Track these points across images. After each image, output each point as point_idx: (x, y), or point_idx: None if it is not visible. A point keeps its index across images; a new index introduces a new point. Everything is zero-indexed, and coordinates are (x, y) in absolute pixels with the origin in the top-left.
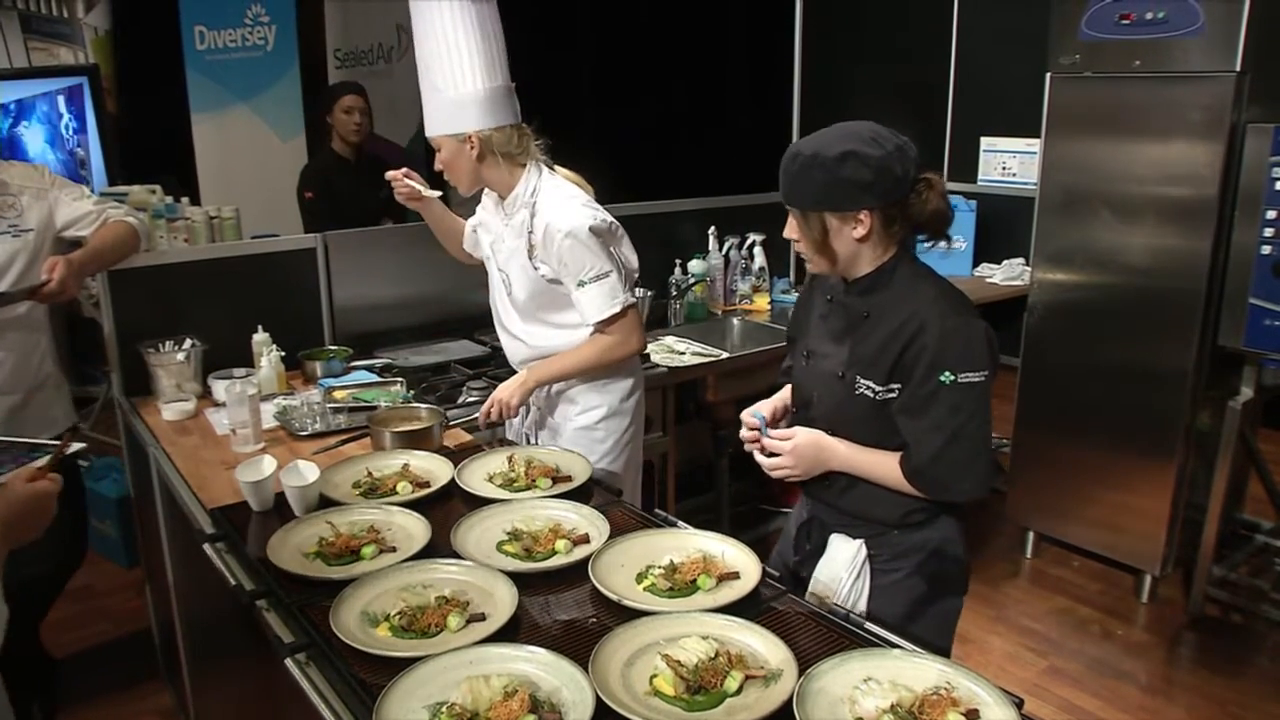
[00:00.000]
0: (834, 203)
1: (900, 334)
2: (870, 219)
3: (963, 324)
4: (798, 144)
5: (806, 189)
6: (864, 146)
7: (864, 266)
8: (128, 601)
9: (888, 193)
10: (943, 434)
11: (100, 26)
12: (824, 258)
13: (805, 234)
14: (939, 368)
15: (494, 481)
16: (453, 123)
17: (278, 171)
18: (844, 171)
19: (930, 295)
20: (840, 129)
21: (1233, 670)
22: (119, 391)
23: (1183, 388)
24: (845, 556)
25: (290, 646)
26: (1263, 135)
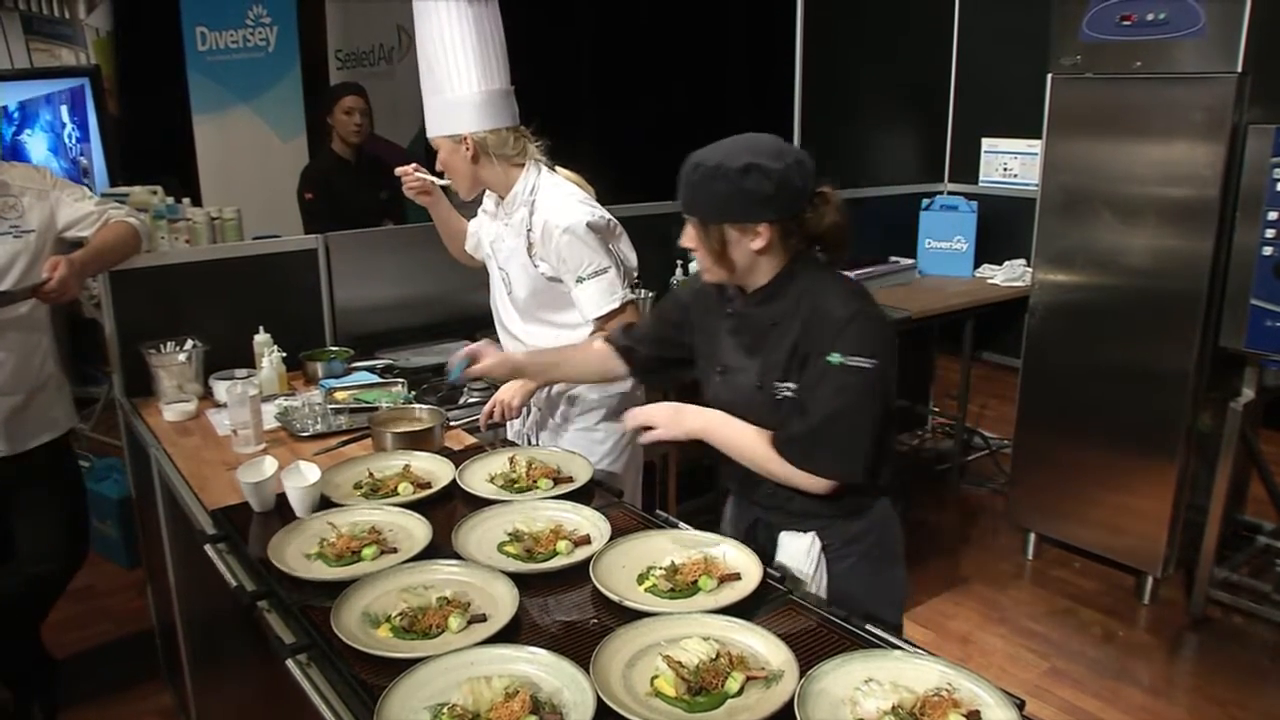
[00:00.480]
0: (735, 214)
1: (807, 330)
2: (769, 232)
3: (856, 312)
4: (699, 154)
5: (707, 200)
6: (766, 159)
7: (761, 277)
8: (129, 602)
9: (787, 206)
10: (822, 410)
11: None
12: (722, 268)
13: (704, 244)
14: (828, 350)
15: (495, 482)
16: (449, 124)
17: (279, 172)
18: (746, 183)
19: (827, 290)
20: (742, 141)
21: (1234, 671)
22: (120, 392)
23: (1184, 389)
24: (800, 549)
25: (291, 647)
26: (1264, 136)
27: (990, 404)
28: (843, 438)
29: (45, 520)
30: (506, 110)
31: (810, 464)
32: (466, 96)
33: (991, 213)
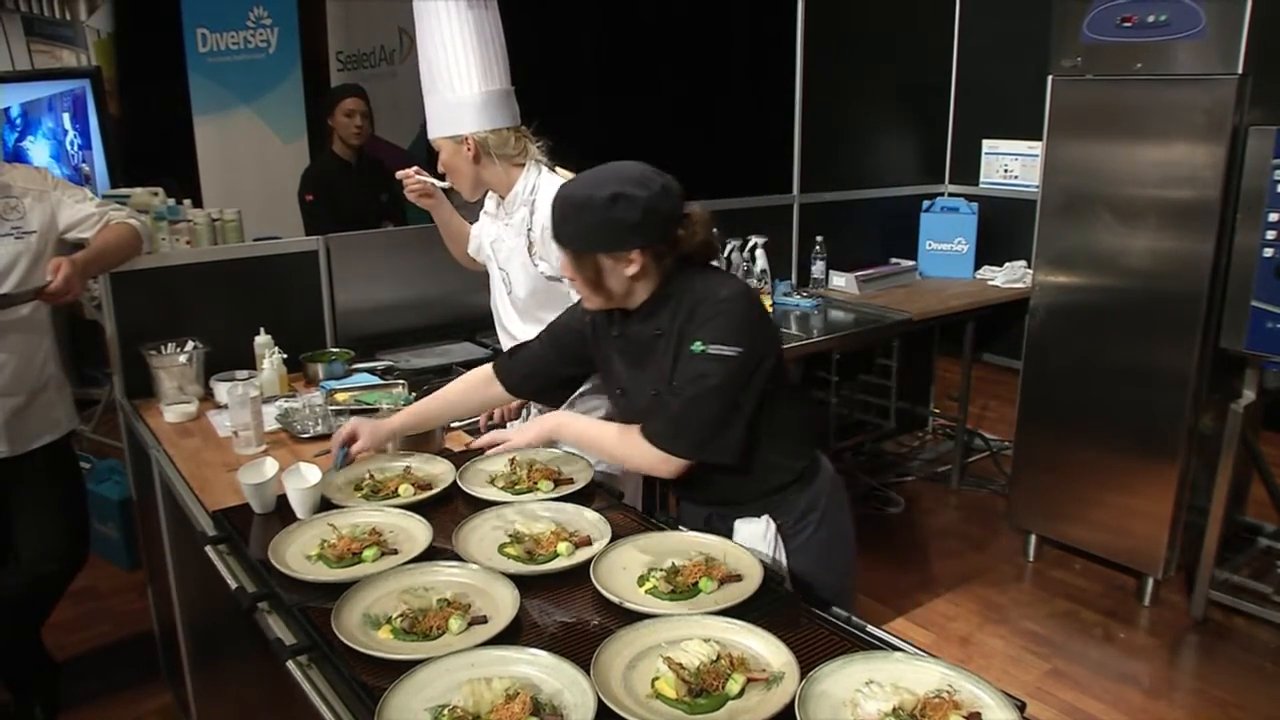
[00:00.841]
0: (605, 244)
1: (680, 332)
2: (641, 257)
3: (723, 303)
4: (567, 187)
5: (578, 231)
6: (632, 188)
7: (639, 298)
8: (129, 603)
9: (656, 231)
10: (683, 394)
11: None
12: (600, 295)
13: (579, 274)
14: (694, 338)
15: (496, 484)
16: (451, 125)
17: (280, 174)
18: (614, 213)
19: (700, 289)
20: (609, 170)
21: (1235, 673)
22: (120, 393)
23: (1184, 390)
24: (755, 534)
25: (292, 649)
26: (1265, 137)
27: (991, 405)
28: (706, 422)
29: (46, 521)
30: (507, 110)
31: (674, 447)
32: (468, 97)
33: (992, 214)
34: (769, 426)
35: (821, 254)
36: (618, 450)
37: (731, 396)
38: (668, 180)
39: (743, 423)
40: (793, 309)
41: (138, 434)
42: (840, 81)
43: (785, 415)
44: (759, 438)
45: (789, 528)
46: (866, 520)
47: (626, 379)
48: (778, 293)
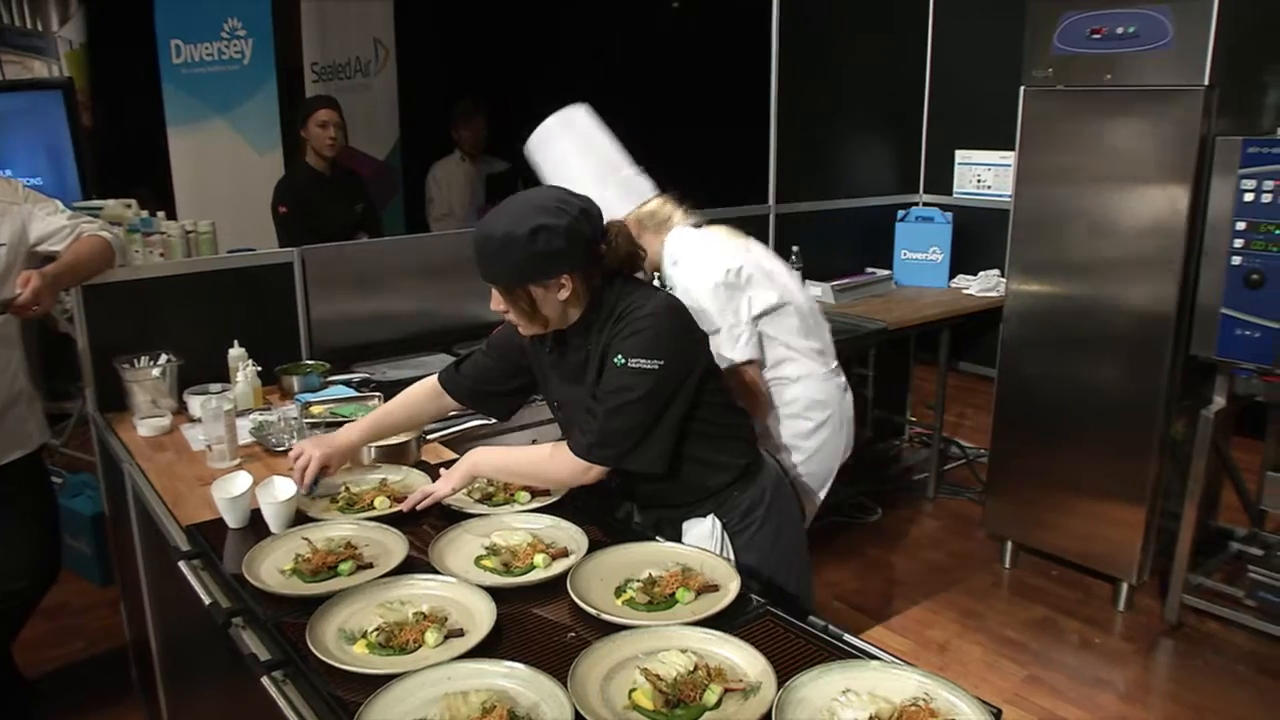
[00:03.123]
0: (533, 276)
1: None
2: (571, 281)
3: (645, 318)
4: (485, 225)
5: (505, 268)
6: (550, 218)
7: (573, 319)
8: (103, 620)
9: (581, 254)
10: (604, 406)
11: (75, 39)
12: (536, 323)
13: (514, 306)
14: (615, 353)
15: (472, 496)
16: None
17: (255, 185)
18: (537, 245)
19: (624, 302)
20: (523, 202)
21: (1209, 676)
22: (93, 407)
23: (1157, 397)
24: (703, 533)
25: (266, 664)
26: (1231, 148)
27: (967, 413)
28: (625, 433)
29: (16, 537)
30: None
31: (593, 456)
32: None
33: (966, 224)
34: (707, 429)
35: (798, 264)
36: (539, 469)
37: (653, 409)
38: (585, 202)
39: (667, 434)
40: None
41: (110, 448)
42: (815, 92)
43: (722, 418)
44: (698, 441)
45: (734, 525)
46: (843, 529)
47: (562, 395)
48: None
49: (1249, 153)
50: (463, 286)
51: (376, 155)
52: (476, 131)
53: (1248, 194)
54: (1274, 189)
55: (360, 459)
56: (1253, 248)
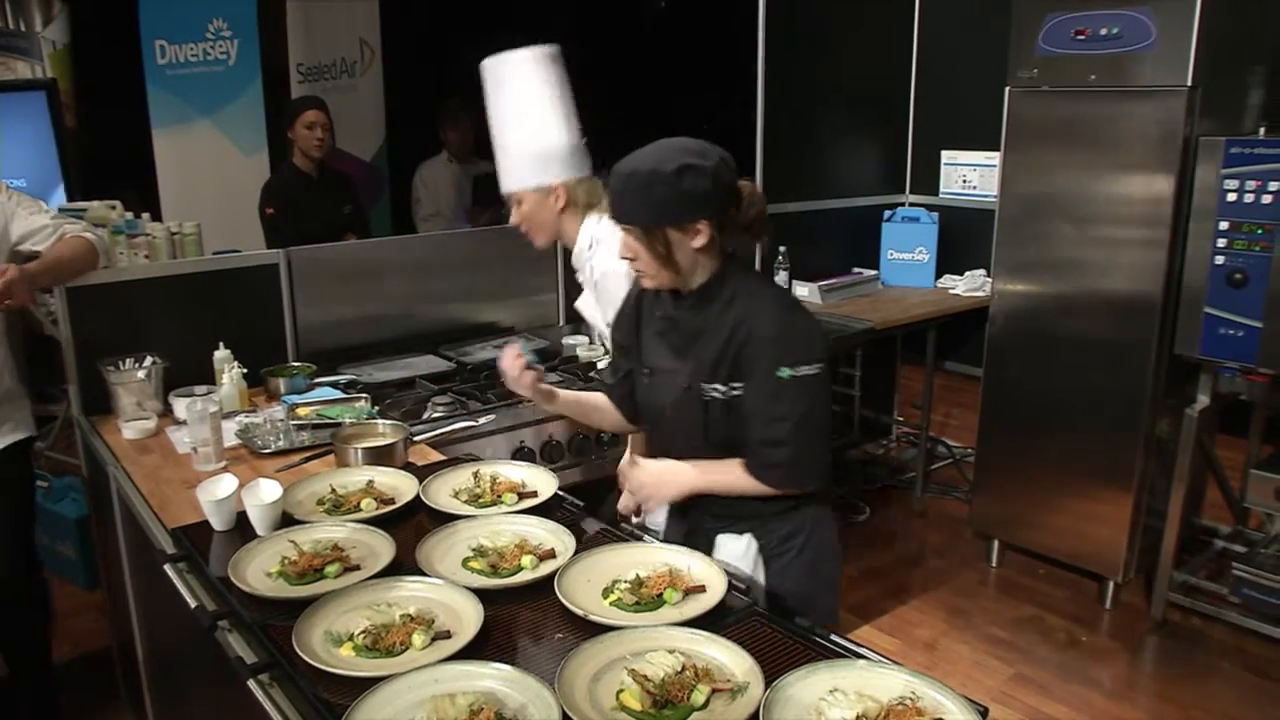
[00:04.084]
0: (676, 216)
1: (735, 336)
2: (708, 228)
3: (794, 321)
4: (629, 163)
5: (647, 205)
6: (697, 159)
7: (699, 277)
8: (88, 623)
9: (722, 201)
10: (787, 424)
11: (58, 40)
12: (669, 271)
13: (649, 250)
14: (778, 364)
15: (459, 497)
16: (540, 173)
17: (240, 187)
18: (683, 184)
19: (760, 297)
20: (666, 146)
21: (1194, 673)
22: (78, 410)
23: (1141, 396)
24: (737, 551)
25: (253, 667)
26: (1214, 148)
27: (953, 413)
28: (812, 448)
29: None
30: (587, 160)
31: (791, 484)
32: (555, 147)
33: (952, 224)
34: None
35: (784, 264)
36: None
37: (824, 414)
38: (724, 152)
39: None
40: None
41: (95, 451)
42: (801, 93)
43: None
44: None
45: (771, 549)
46: None
47: (658, 361)
48: None
49: (1232, 153)
50: (450, 288)
51: (362, 156)
52: (464, 133)
53: (1230, 194)
54: (1256, 189)
55: (349, 460)
56: (1235, 247)
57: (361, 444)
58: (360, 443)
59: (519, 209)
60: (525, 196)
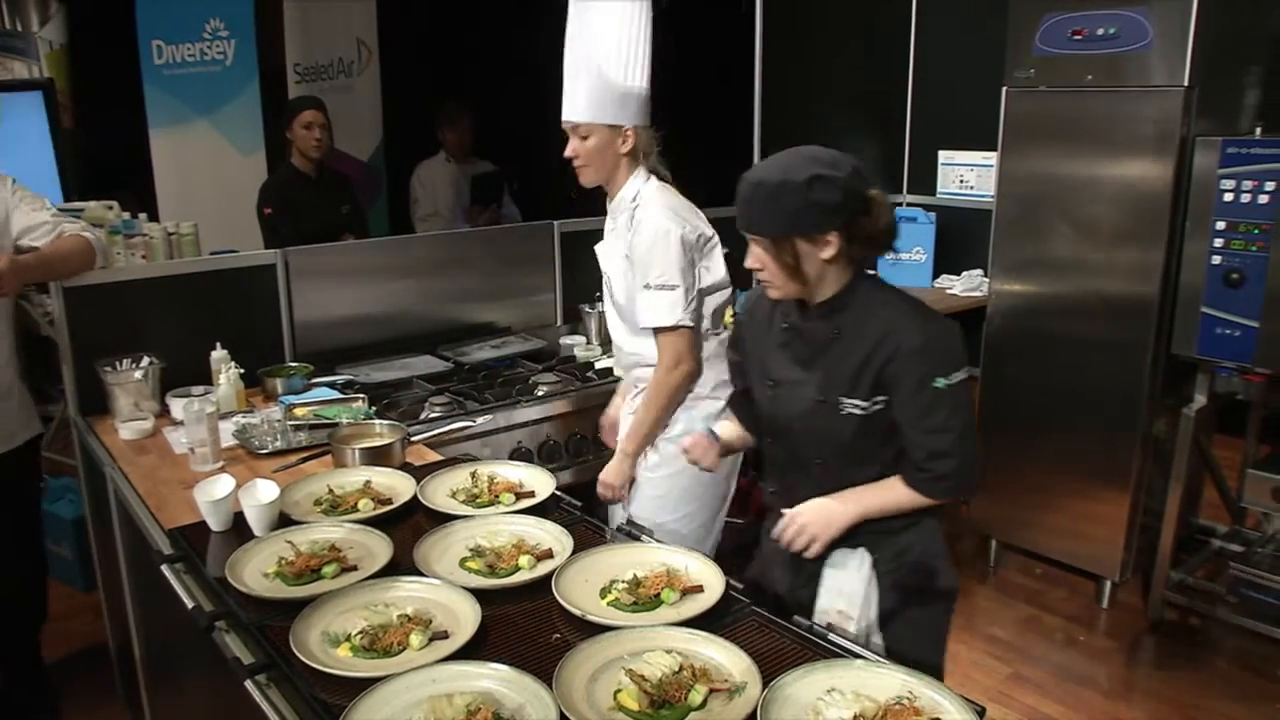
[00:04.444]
0: (806, 227)
1: (880, 348)
2: (838, 239)
3: (939, 329)
4: (758, 172)
5: (777, 216)
6: (828, 169)
7: (828, 289)
8: (86, 624)
9: (852, 212)
10: (951, 434)
11: (55, 40)
12: (796, 282)
13: (777, 261)
14: (932, 375)
15: (457, 498)
16: (615, 112)
17: (237, 187)
18: (813, 195)
19: (899, 307)
20: (796, 155)
21: (1191, 673)
22: (74, 410)
23: (1139, 395)
24: (851, 569)
25: (250, 668)
26: (1211, 147)
27: None
28: (972, 455)
29: None
30: (650, 111)
31: (958, 493)
32: (636, 88)
33: (949, 224)
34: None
35: None
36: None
37: (972, 417)
38: (856, 162)
39: None
40: None
41: (92, 451)
42: (799, 94)
43: None
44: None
45: (884, 564)
46: None
47: (783, 374)
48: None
49: (1228, 153)
50: (447, 288)
51: (360, 156)
52: (462, 133)
53: (1227, 194)
54: (1253, 189)
55: (346, 461)
56: (1232, 247)
57: (359, 444)
58: (357, 443)
59: (582, 142)
60: (595, 130)
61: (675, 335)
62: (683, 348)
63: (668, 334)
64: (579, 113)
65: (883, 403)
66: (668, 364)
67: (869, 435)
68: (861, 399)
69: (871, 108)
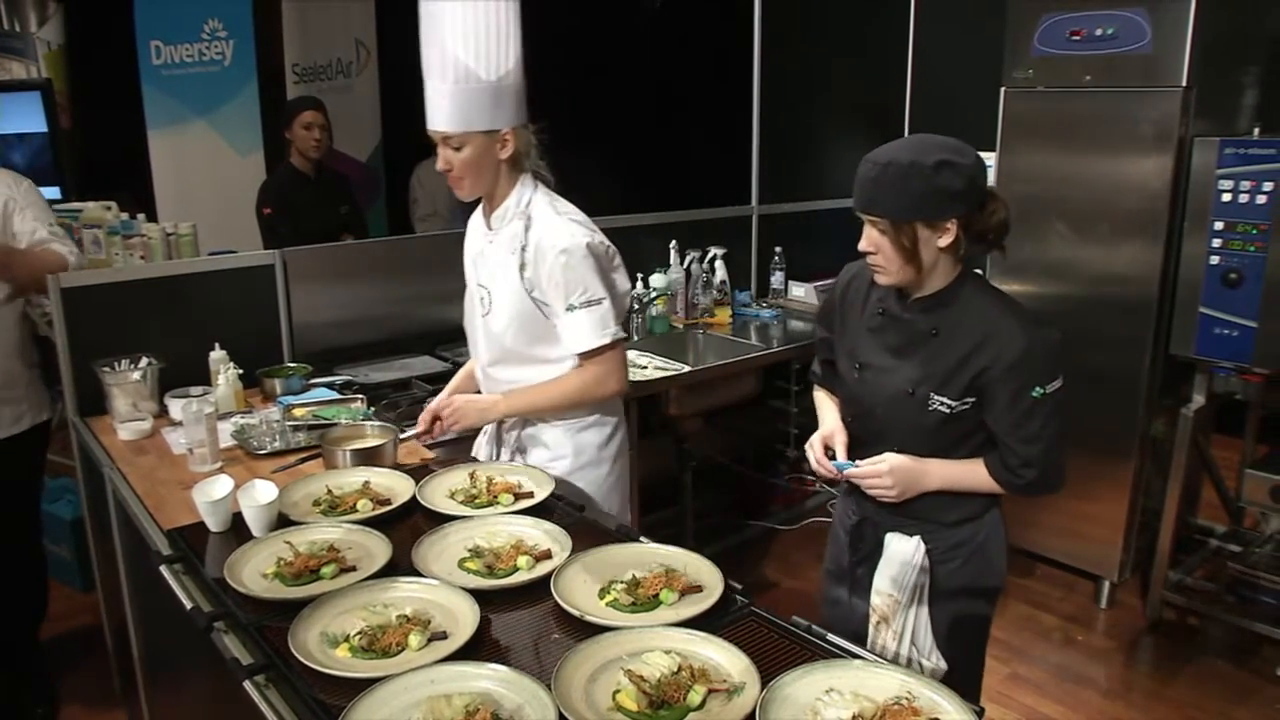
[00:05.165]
0: (929, 211)
1: (980, 352)
2: (955, 227)
3: (1041, 338)
4: (887, 153)
5: (901, 198)
6: (956, 156)
7: (936, 282)
8: (84, 625)
9: (973, 201)
10: (1042, 442)
11: (53, 40)
12: (911, 266)
13: (894, 244)
14: (1031, 384)
15: (456, 498)
16: (488, 117)
17: (236, 187)
18: (939, 180)
19: (1003, 311)
20: (924, 139)
21: (1190, 673)
22: (73, 411)
23: (1137, 396)
24: (905, 553)
25: (249, 668)
26: (1209, 148)
27: None
28: (1059, 458)
29: None
30: (526, 108)
31: (1042, 491)
32: (511, 85)
33: None
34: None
35: (781, 264)
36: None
37: (1064, 424)
38: (978, 153)
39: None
40: (752, 319)
41: (90, 452)
42: (797, 94)
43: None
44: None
45: (937, 554)
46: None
47: (872, 358)
48: (738, 303)
49: (1226, 153)
50: (446, 288)
51: (359, 157)
52: None
53: (1225, 194)
54: (1251, 189)
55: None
56: (1230, 247)
57: (349, 446)
58: (348, 445)
59: (456, 153)
60: (469, 140)
61: (611, 353)
62: (614, 364)
63: (596, 354)
64: (448, 121)
65: (971, 404)
66: (591, 382)
67: (952, 431)
68: (952, 398)
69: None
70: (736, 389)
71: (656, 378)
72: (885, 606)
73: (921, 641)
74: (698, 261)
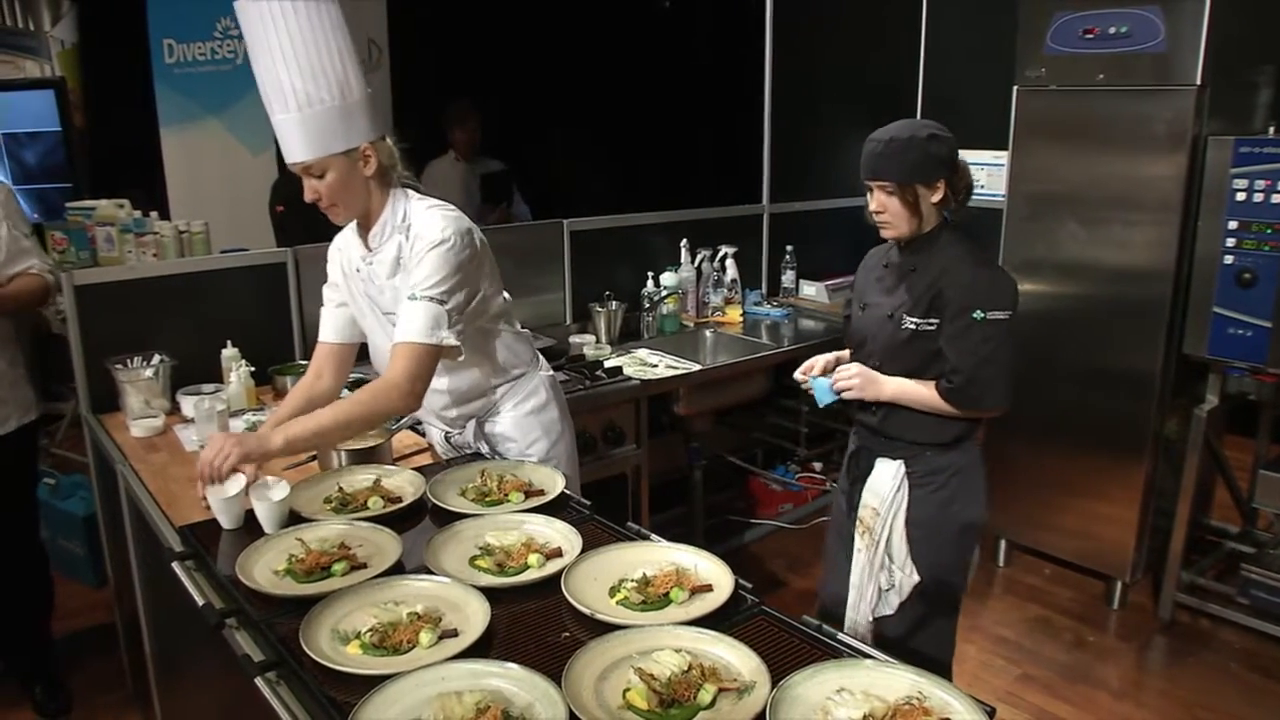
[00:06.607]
0: (926, 174)
1: (938, 280)
2: (944, 186)
3: (990, 273)
4: (888, 132)
5: (905, 164)
6: (940, 131)
7: (925, 228)
8: (96, 621)
9: (954, 165)
10: (975, 358)
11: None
12: (914, 219)
13: (901, 201)
14: (972, 307)
15: (466, 496)
16: (346, 134)
17: (248, 185)
18: (932, 149)
19: (962, 251)
20: (913, 121)
21: (1201, 674)
22: (86, 408)
23: (1150, 396)
24: (888, 474)
25: (260, 665)
26: (1223, 147)
27: None
28: (993, 379)
29: None
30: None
31: (975, 406)
32: (356, 102)
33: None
34: None
35: (791, 263)
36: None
37: (1008, 353)
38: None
39: (1010, 373)
40: (763, 318)
41: (103, 449)
42: (809, 93)
43: None
44: None
45: (917, 477)
46: None
47: (872, 297)
48: (748, 302)
49: (1241, 152)
50: None
51: None
52: (471, 132)
53: (1239, 193)
54: (1266, 188)
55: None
56: (1244, 247)
57: (344, 446)
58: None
59: (320, 180)
60: (331, 164)
61: (425, 352)
62: (423, 369)
63: (414, 351)
64: (303, 150)
65: (933, 325)
66: (400, 379)
67: (919, 350)
68: (918, 317)
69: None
70: (747, 388)
71: (666, 376)
72: (869, 518)
73: (896, 550)
74: (708, 260)
